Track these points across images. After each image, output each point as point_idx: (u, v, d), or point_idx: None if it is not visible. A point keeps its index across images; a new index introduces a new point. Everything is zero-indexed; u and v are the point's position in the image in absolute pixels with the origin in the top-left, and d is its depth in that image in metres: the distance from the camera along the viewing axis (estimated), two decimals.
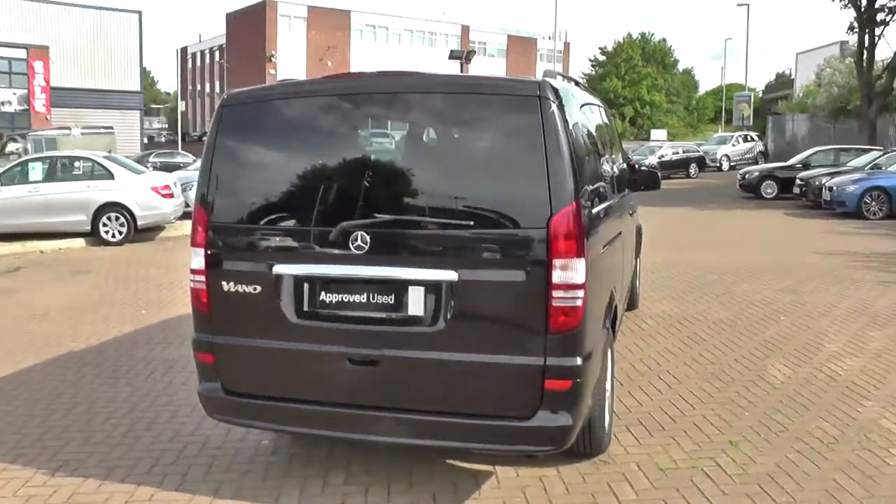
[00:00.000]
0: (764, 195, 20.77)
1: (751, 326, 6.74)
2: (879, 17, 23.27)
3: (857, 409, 4.69)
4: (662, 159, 29.43)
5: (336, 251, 3.28)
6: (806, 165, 20.52)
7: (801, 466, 3.90)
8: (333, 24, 60.15)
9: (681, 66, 77.60)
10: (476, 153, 3.28)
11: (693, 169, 30.85)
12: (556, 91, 3.20)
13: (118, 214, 12.11)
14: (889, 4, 23.11)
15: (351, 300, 3.31)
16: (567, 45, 70.60)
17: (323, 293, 3.34)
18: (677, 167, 30.25)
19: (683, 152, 31.88)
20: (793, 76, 57.71)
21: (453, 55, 27.71)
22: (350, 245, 3.24)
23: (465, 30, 66.22)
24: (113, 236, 12.17)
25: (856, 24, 23.68)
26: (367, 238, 3.21)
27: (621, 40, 73.26)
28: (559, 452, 3.48)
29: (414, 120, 3.42)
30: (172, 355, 5.93)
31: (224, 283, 3.45)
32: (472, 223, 3.18)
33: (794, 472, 3.83)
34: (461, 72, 27.38)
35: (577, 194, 3.11)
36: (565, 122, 3.15)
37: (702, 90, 79.03)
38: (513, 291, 3.17)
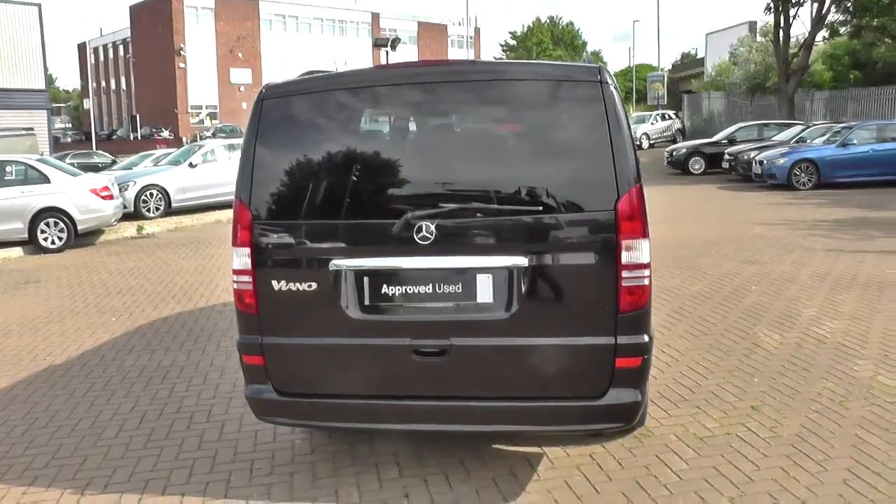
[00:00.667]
0: (692, 171, 21.57)
1: (728, 297, 7.01)
2: None
3: (853, 369, 4.96)
4: None
5: (400, 243, 3.22)
6: (731, 141, 21.38)
7: (824, 426, 4.10)
8: (242, 14, 58.64)
9: (589, 49, 79.21)
10: (539, 139, 3.26)
11: None
12: (611, 75, 3.24)
13: (57, 220, 11.47)
14: None
15: (416, 291, 3.27)
16: (478, 30, 71.17)
17: (386, 286, 3.28)
18: None
19: None
20: (700, 55, 59.90)
21: (378, 43, 27.42)
22: (415, 236, 3.19)
23: (376, 17, 65.79)
24: (52, 243, 11.53)
25: (772, 5, 24.70)
26: (433, 228, 3.17)
27: (531, 24, 74.10)
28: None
29: (472, 108, 3.36)
30: (164, 362, 5.70)
31: (275, 282, 3.34)
32: (540, 208, 3.18)
33: (820, 432, 4.02)
34: (387, 59, 27.17)
35: (638, 176, 3.17)
36: (623, 106, 3.20)
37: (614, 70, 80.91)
38: (582, 274, 3.20)
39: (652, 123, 37.13)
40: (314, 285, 3.31)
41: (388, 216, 3.24)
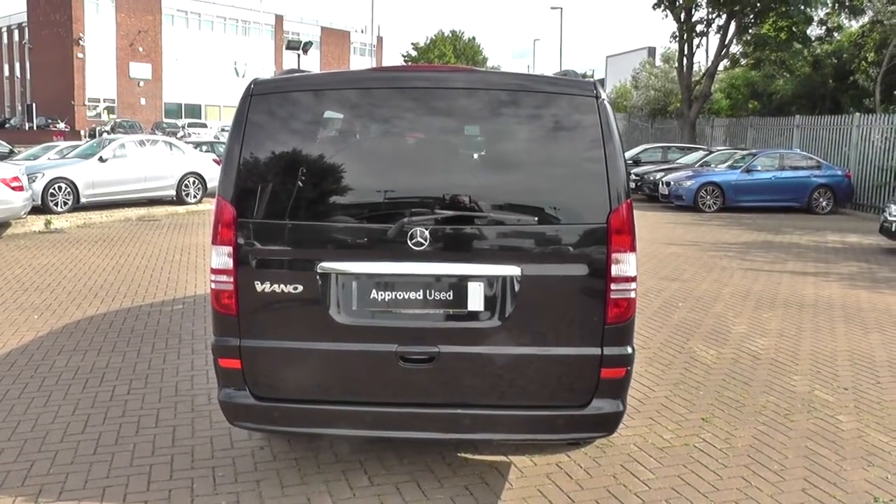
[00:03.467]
0: None
1: (657, 312, 7.27)
2: (699, 28, 25.66)
3: (791, 384, 5.24)
4: None
5: (392, 248, 3.17)
6: (636, 162, 22.16)
7: (774, 438, 4.30)
8: (144, 6, 56.39)
9: (488, 65, 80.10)
10: (534, 150, 3.27)
11: None
12: (604, 90, 3.31)
13: None
14: (706, 18, 25.55)
15: (406, 297, 3.22)
16: (380, 39, 71.02)
17: (375, 291, 3.22)
18: None
19: None
20: (597, 77, 62.16)
21: (290, 45, 27.03)
22: (408, 241, 3.15)
23: (280, 20, 64.74)
24: None
25: (678, 34, 25.92)
26: (427, 234, 3.14)
27: (433, 36, 74.52)
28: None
29: (471, 115, 3.31)
30: (98, 363, 5.37)
31: (258, 283, 3.21)
32: (535, 219, 3.20)
33: (772, 443, 4.22)
34: (298, 62, 26.85)
35: (629, 191, 3.25)
36: (616, 121, 3.27)
37: None
38: (573, 285, 3.24)
39: None
40: (300, 287, 3.21)
41: (379, 220, 3.19)
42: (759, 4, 23.49)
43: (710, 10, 25.26)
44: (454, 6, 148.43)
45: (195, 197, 15.58)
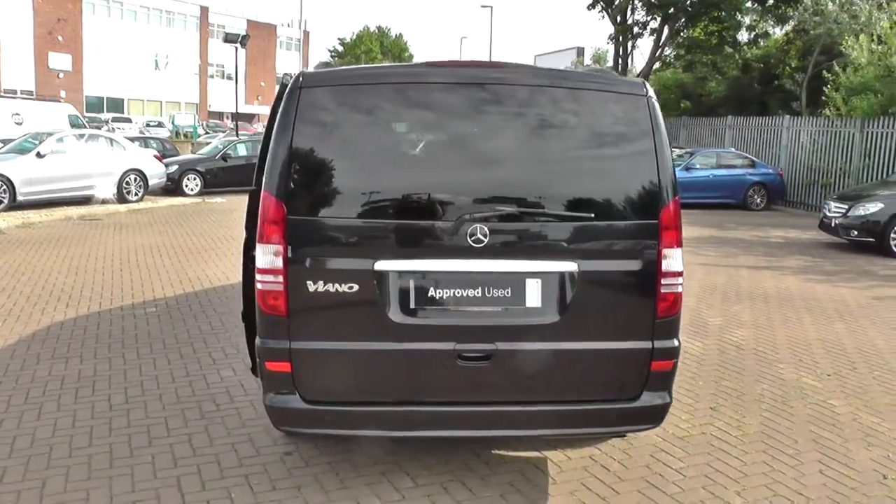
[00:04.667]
0: None
1: None
2: (635, 30, 26.37)
3: (779, 372, 5.47)
4: None
5: (451, 245, 3.13)
6: None
7: (780, 424, 4.48)
8: None
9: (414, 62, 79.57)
10: (588, 147, 3.29)
11: None
12: (651, 89, 3.36)
13: None
14: (641, 20, 26.31)
15: (465, 295, 3.19)
16: (307, 33, 70.10)
17: (433, 289, 3.17)
18: None
19: None
20: None
21: (229, 38, 26.32)
22: (468, 239, 3.12)
23: (205, 12, 62.88)
24: None
25: (614, 36, 26.60)
26: (486, 231, 3.12)
27: (360, 32, 73.84)
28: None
29: (525, 111, 3.28)
30: (84, 371, 5.10)
31: (310, 282, 3.11)
32: (591, 215, 3.22)
33: (779, 429, 4.39)
34: (235, 56, 26.20)
35: (676, 188, 3.32)
36: (663, 120, 3.33)
37: None
38: (626, 280, 3.29)
39: None
40: (355, 287, 3.13)
41: (437, 217, 3.15)
42: (690, 9, 24.31)
43: (646, 13, 25.99)
44: (381, 2, 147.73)
45: (136, 195, 14.97)
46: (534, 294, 3.22)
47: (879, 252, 10.93)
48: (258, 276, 3.17)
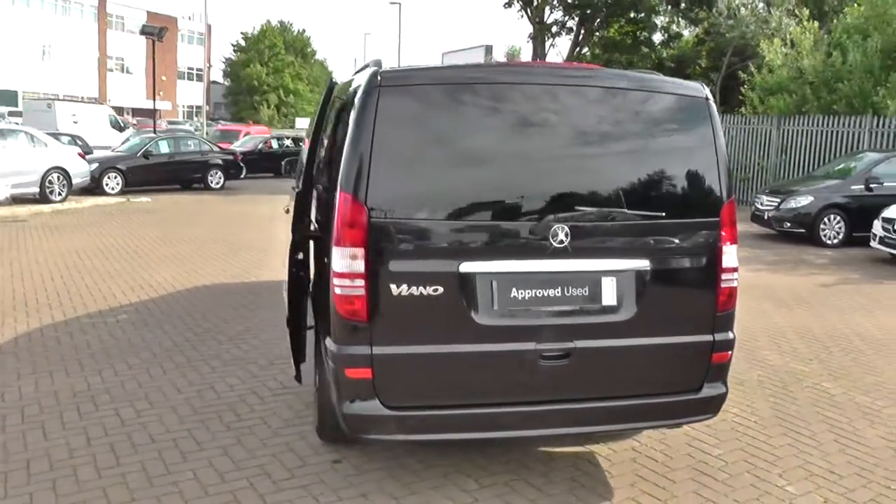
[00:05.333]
0: None
1: None
2: (554, 29, 26.98)
3: (766, 358, 5.74)
4: None
5: (534, 246, 3.13)
6: None
7: (788, 407, 4.72)
8: None
9: (317, 58, 78.05)
10: (656, 147, 3.36)
11: None
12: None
13: None
14: (560, 20, 26.95)
15: (545, 295, 3.19)
16: (209, 27, 67.82)
17: (515, 290, 3.16)
18: None
19: None
20: None
21: (146, 31, 25.14)
22: (550, 239, 3.13)
23: (102, 1, 59.76)
24: None
25: (534, 34, 27.11)
26: (568, 231, 3.14)
27: (262, 26, 71.99)
28: None
29: (596, 113, 3.31)
30: (77, 385, 4.76)
31: (393, 286, 3.04)
32: (662, 214, 3.29)
33: (789, 412, 4.63)
34: (154, 48, 25.12)
35: (732, 188, 3.45)
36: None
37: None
38: (691, 276, 3.39)
39: None
40: (440, 289, 3.08)
41: (519, 218, 3.15)
42: (606, 10, 25.10)
43: (564, 12, 26.62)
44: None
45: (60, 195, 14.09)
46: (609, 292, 3.26)
47: (810, 242, 11.64)
48: (335, 281, 3.06)
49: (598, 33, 26.79)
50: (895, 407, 4.80)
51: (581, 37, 26.60)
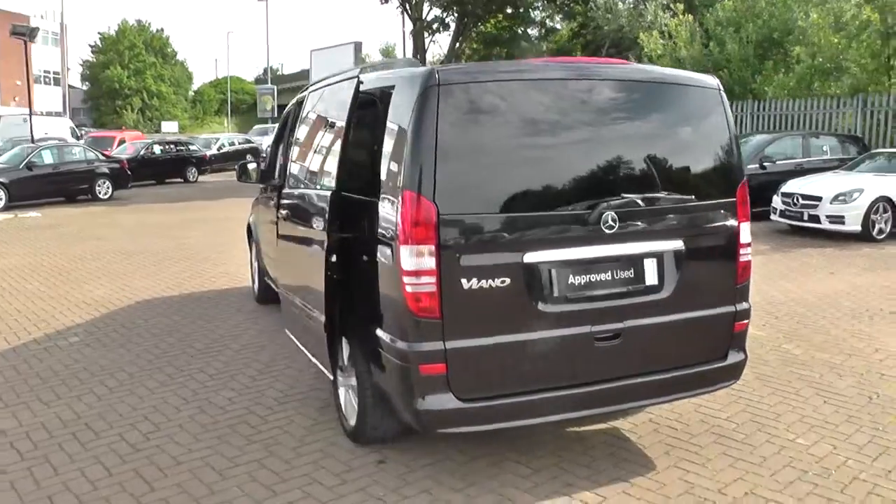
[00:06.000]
0: None
1: None
2: (434, 25, 27.27)
3: (756, 337, 5.89)
4: (221, 150, 29.65)
5: (588, 233, 3.27)
6: None
7: (763, 369, 5.09)
8: None
9: (178, 58, 74.63)
10: (684, 135, 3.60)
11: (249, 159, 31.47)
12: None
13: None
14: (440, 16, 27.24)
15: (597, 279, 3.34)
16: (64, 26, 63.42)
17: (572, 276, 3.29)
18: (234, 158, 30.70)
19: (239, 143, 32.36)
20: (303, 70, 61.80)
21: (17, 31, 23.27)
22: (601, 225, 3.27)
23: None
24: None
25: (414, 31, 27.29)
26: (616, 217, 3.30)
27: (119, 26, 67.82)
28: None
29: (635, 106, 3.49)
30: (65, 414, 4.44)
31: (464, 280, 3.09)
32: (692, 196, 3.52)
33: (767, 373, 5.02)
34: (26, 48, 23.39)
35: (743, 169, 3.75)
36: None
37: (197, 82, 76.07)
38: (717, 252, 3.65)
39: None
40: (507, 281, 3.15)
41: (573, 207, 3.28)
42: (482, 6, 25.57)
43: (443, 9, 26.94)
44: None
45: None
46: (651, 272, 3.46)
47: None
48: (406, 279, 3.06)
49: (475, 28, 27.34)
50: (851, 360, 5.32)
51: (461, 32, 27.05)
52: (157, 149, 23.03)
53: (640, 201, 3.40)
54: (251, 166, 6.65)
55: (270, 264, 6.38)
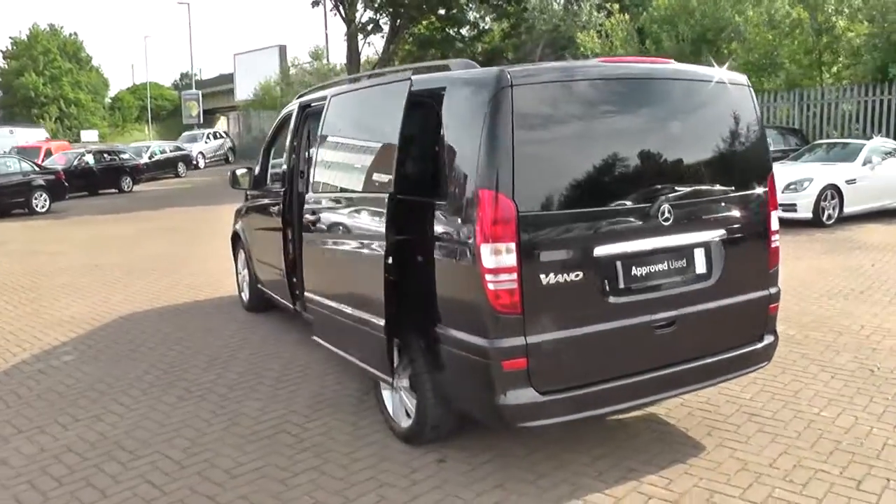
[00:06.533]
0: None
1: None
2: (369, 28, 27.14)
3: None
4: (153, 159, 28.87)
5: (649, 226, 3.41)
6: None
7: (811, 362, 5.07)
8: None
9: (94, 63, 71.70)
10: (722, 130, 3.79)
11: (181, 168, 30.81)
12: None
13: None
14: (373, 18, 27.15)
15: (655, 269, 3.49)
16: None
17: (635, 268, 3.42)
18: (166, 167, 29.98)
19: (170, 151, 31.54)
20: (199, 76, 60.55)
21: None
22: (659, 218, 3.42)
23: None
24: None
25: (348, 34, 27.12)
26: (670, 209, 3.45)
27: (31, 30, 64.52)
28: None
29: (681, 103, 3.65)
30: (86, 434, 4.29)
31: (542, 276, 3.18)
32: (732, 188, 3.72)
33: (811, 364, 5.26)
34: None
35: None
36: None
37: (114, 89, 73.83)
38: (752, 239, 3.85)
39: (205, 142, 36.54)
40: (580, 275, 3.26)
41: (638, 201, 3.42)
42: (415, 7, 25.61)
43: (375, 11, 26.84)
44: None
45: None
46: (700, 261, 3.63)
47: None
48: (488, 277, 3.12)
49: (408, 30, 27.39)
50: (843, 337, 5.65)
51: (395, 34, 27.05)
52: (89, 159, 22.13)
53: (689, 194, 3.56)
54: (240, 172, 6.54)
55: (267, 272, 6.30)
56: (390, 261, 3.59)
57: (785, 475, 3.56)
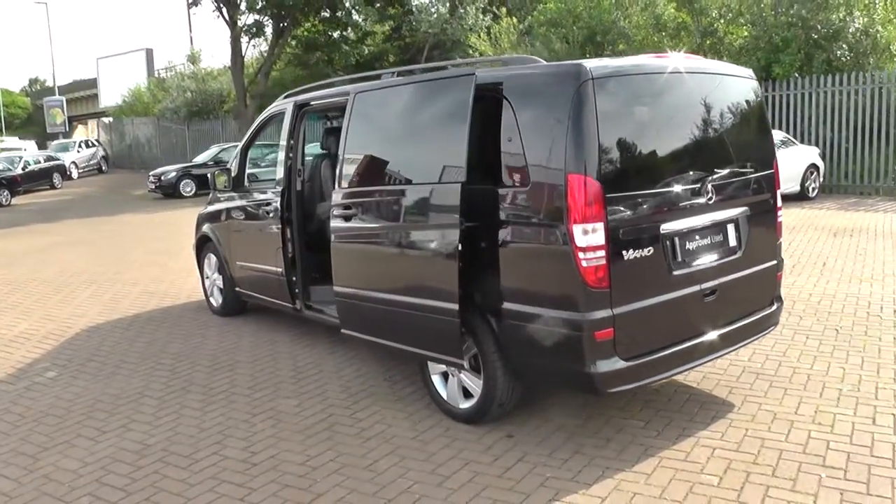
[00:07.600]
0: (184, 193, 21.65)
1: None
2: (255, 30, 26.40)
3: None
4: (27, 169, 26.90)
5: (699, 204, 3.83)
6: (217, 162, 21.92)
7: (823, 342, 5.94)
8: None
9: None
10: (744, 118, 4.29)
11: (57, 179, 28.95)
12: None
13: None
14: (258, 20, 26.44)
15: (701, 244, 3.91)
16: None
17: (688, 243, 3.82)
18: (41, 178, 28.03)
19: (45, 161, 29.53)
20: (90, 78, 56.78)
21: None
22: (704, 197, 3.85)
23: None
24: None
25: (232, 37, 26.26)
26: (712, 189, 3.89)
27: None
28: None
29: (718, 95, 4.07)
30: (96, 454, 4.14)
31: (624, 252, 3.51)
32: (753, 169, 4.23)
33: (822, 344, 5.88)
34: None
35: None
36: None
37: None
38: (765, 214, 4.35)
39: (78, 151, 34.94)
40: (651, 250, 3.61)
41: (692, 182, 3.83)
42: (298, 11, 25.17)
43: (258, 14, 26.16)
44: None
45: None
46: (732, 235, 4.10)
47: None
48: (581, 255, 3.38)
49: (292, 32, 26.93)
50: (798, 304, 6.33)
51: (279, 36, 26.51)
52: None
53: (726, 175, 4.02)
54: (222, 179, 6.40)
55: (252, 274, 6.21)
56: (460, 248, 3.76)
57: (812, 419, 4.06)
